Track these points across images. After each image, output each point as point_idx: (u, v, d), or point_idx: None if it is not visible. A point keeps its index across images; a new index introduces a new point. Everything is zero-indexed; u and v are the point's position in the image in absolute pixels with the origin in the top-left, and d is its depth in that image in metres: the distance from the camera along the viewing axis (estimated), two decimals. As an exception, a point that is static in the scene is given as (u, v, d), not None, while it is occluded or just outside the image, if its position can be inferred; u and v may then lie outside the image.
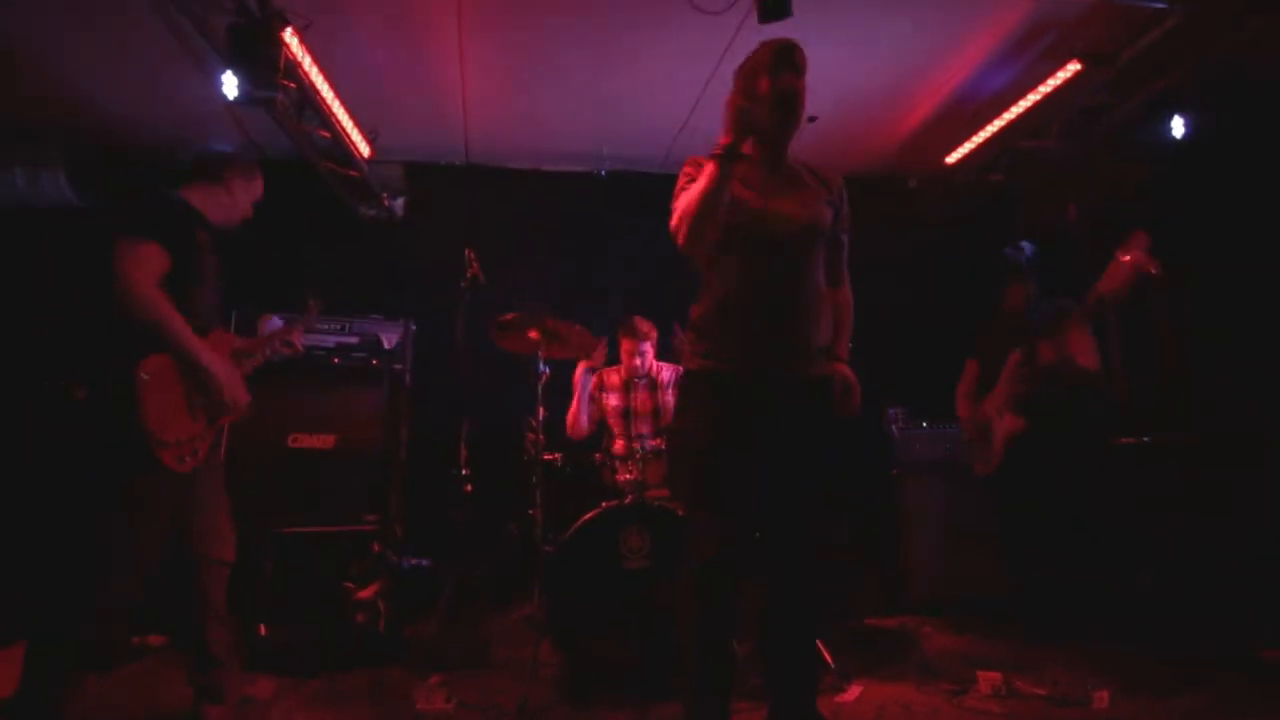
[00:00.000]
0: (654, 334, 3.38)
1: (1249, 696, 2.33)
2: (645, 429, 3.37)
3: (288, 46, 3.06)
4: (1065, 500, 2.67)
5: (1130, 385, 4.26)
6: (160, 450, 1.89)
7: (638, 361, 3.37)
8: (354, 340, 3.60)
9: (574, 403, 3.46)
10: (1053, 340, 2.63)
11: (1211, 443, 3.18)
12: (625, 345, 3.40)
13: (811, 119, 4.29)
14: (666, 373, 3.47)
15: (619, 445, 3.12)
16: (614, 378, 3.49)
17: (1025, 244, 2.95)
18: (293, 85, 3.24)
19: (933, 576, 3.57)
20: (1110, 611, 2.57)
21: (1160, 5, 2.96)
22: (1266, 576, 3.02)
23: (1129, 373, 4.31)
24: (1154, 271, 2.35)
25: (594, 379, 3.51)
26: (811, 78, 1.98)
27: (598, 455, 3.00)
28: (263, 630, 2.70)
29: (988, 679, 2.36)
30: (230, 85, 2.99)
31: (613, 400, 3.43)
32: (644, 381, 3.45)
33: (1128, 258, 2.39)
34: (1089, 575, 2.63)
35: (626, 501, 2.64)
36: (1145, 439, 3.24)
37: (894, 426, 3.76)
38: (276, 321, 3.36)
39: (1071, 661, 2.67)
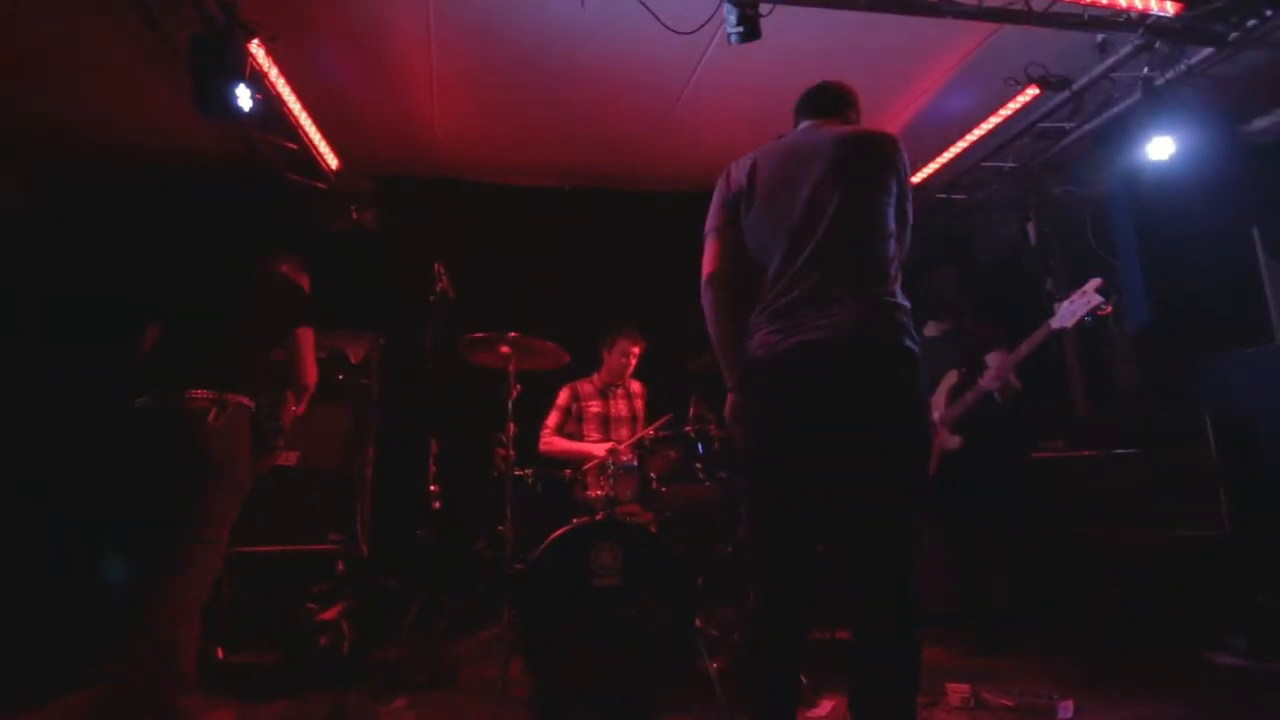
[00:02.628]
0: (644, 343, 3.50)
1: (1206, 699, 2.39)
2: (624, 433, 3.40)
3: (253, 57, 3.02)
4: (993, 511, 2.81)
5: (1089, 401, 4.39)
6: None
7: (631, 362, 3.47)
8: (320, 354, 3.52)
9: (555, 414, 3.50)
10: (983, 364, 2.84)
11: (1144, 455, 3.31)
12: (620, 345, 3.46)
13: (779, 137, 4.39)
14: (636, 385, 3.59)
15: (591, 462, 3.11)
16: (588, 387, 3.53)
17: (949, 270, 3.23)
18: (258, 96, 3.19)
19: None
20: (1063, 621, 2.66)
21: (1100, 36, 3.10)
22: (1209, 583, 3.13)
23: (1086, 388, 4.45)
24: (1108, 311, 2.63)
25: (566, 391, 3.51)
26: (779, 99, 2.02)
27: (568, 471, 2.98)
28: (220, 654, 2.61)
29: (956, 690, 2.38)
30: (244, 98, 2.91)
31: (594, 406, 3.47)
32: (620, 389, 3.51)
33: (1083, 299, 2.62)
34: (1030, 585, 2.73)
35: (598, 518, 2.62)
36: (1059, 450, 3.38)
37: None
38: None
39: (1035, 671, 2.72)
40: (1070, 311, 2.64)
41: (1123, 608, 3.28)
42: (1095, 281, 2.63)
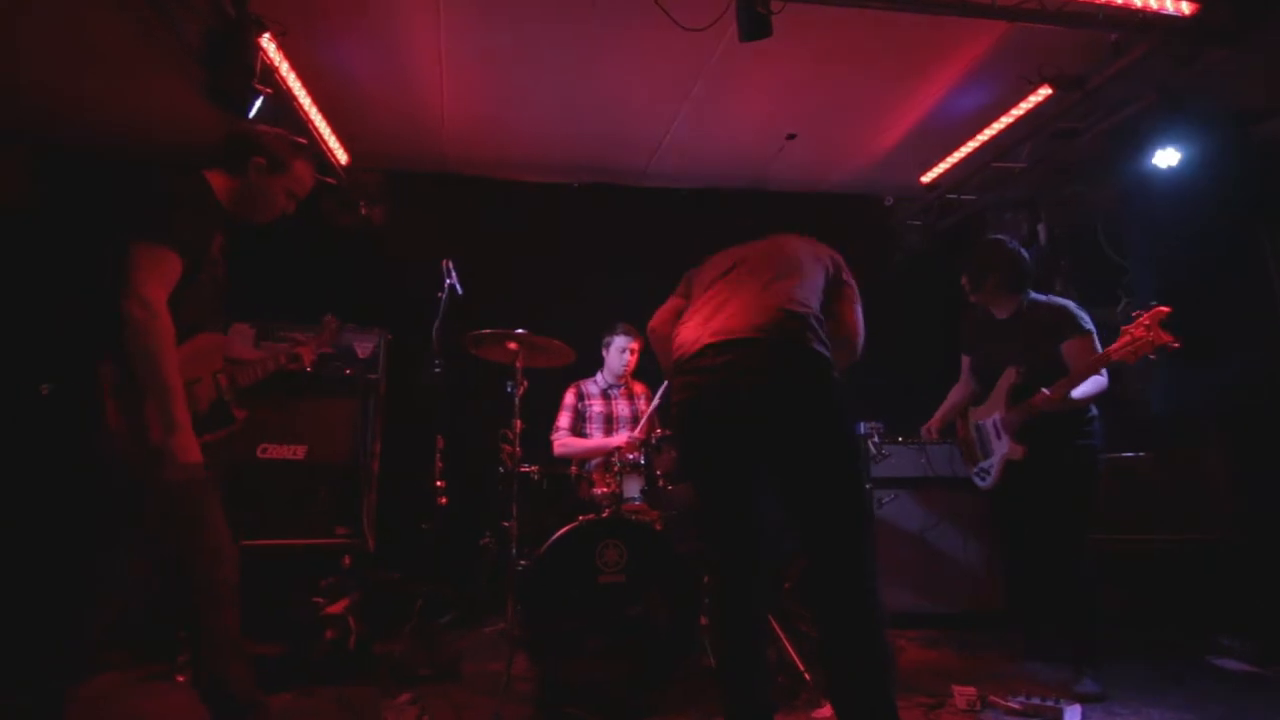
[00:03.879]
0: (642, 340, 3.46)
1: (1210, 704, 2.37)
2: (626, 432, 3.43)
3: (264, 51, 3.02)
4: (1058, 520, 2.58)
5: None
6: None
7: (630, 359, 3.46)
8: (327, 349, 3.53)
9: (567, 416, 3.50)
10: (1051, 358, 2.49)
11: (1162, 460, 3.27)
12: (617, 343, 3.48)
13: (791, 136, 4.38)
14: (639, 386, 3.60)
15: (597, 459, 3.12)
16: (591, 387, 3.53)
17: (991, 240, 2.78)
18: (269, 91, 3.20)
19: (907, 591, 3.59)
20: (1084, 625, 2.59)
21: (1112, 36, 3.07)
22: (1216, 588, 3.11)
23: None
24: (1175, 346, 2.24)
25: (571, 391, 3.52)
26: (790, 95, 2.02)
27: (574, 469, 2.98)
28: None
29: (963, 693, 2.37)
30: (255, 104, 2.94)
31: (597, 406, 3.48)
32: (622, 389, 3.51)
33: (1143, 331, 2.27)
34: (1080, 592, 2.59)
35: (603, 515, 2.62)
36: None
37: (870, 442, 3.79)
38: (246, 330, 3.30)
39: (1044, 676, 2.70)
40: (1133, 347, 2.28)
41: (1129, 612, 3.27)
42: (1158, 311, 2.23)
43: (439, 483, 3.11)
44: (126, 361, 1.64)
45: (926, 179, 4.50)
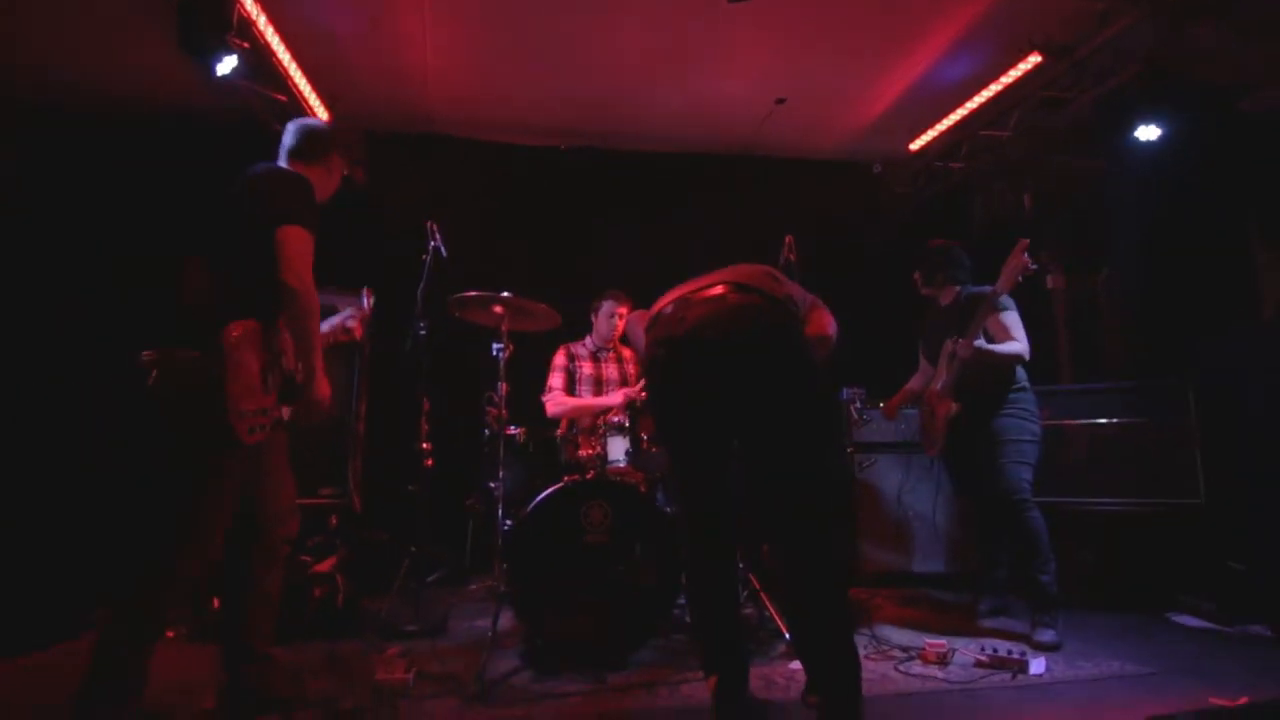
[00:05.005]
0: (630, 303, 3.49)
1: (1171, 658, 2.48)
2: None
3: (240, 4, 2.94)
4: (996, 477, 2.80)
5: (1075, 371, 4.44)
6: (236, 420, 1.83)
7: (619, 323, 3.46)
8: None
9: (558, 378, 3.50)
10: (971, 331, 2.79)
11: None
12: (606, 307, 3.47)
13: (780, 100, 4.35)
14: (627, 350, 3.60)
15: (585, 421, 3.14)
16: (581, 349, 3.54)
17: (940, 242, 3.13)
18: (246, 45, 3.12)
19: (885, 550, 3.69)
20: (1035, 578, 2.72)
21: (1099, 5, 3.10)
22: (1183, 550, 3.23)
23: (1074, 359, 4.50)
24: (1033, 271, 2.72)
25: (561, 353, 3.52)
26: (779, 60, 2.01)
27: (560, 431, 3.01)
28: (216, 603, 2.65)
29: (934, 647, 2.46)
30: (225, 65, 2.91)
31: (587, 369, 3.49)
32: (611, 352, 3.52)
33: (1015, 261, 2.71)
34: (1026, 547, 2.76)
35: (588, 476, 2.65)
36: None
37: (851, 407, 3.85)
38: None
39: (1012, 630, 2.81)
40: (1007, 276, 2.71)
41: (1097, 573, 3.38)
42: (1023, 242, 2.71)
43: (425, 445, 3.13)
44: (263, 326, 1.92)
45: (915, 146, 4.50)
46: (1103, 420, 3.46)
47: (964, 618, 3.03)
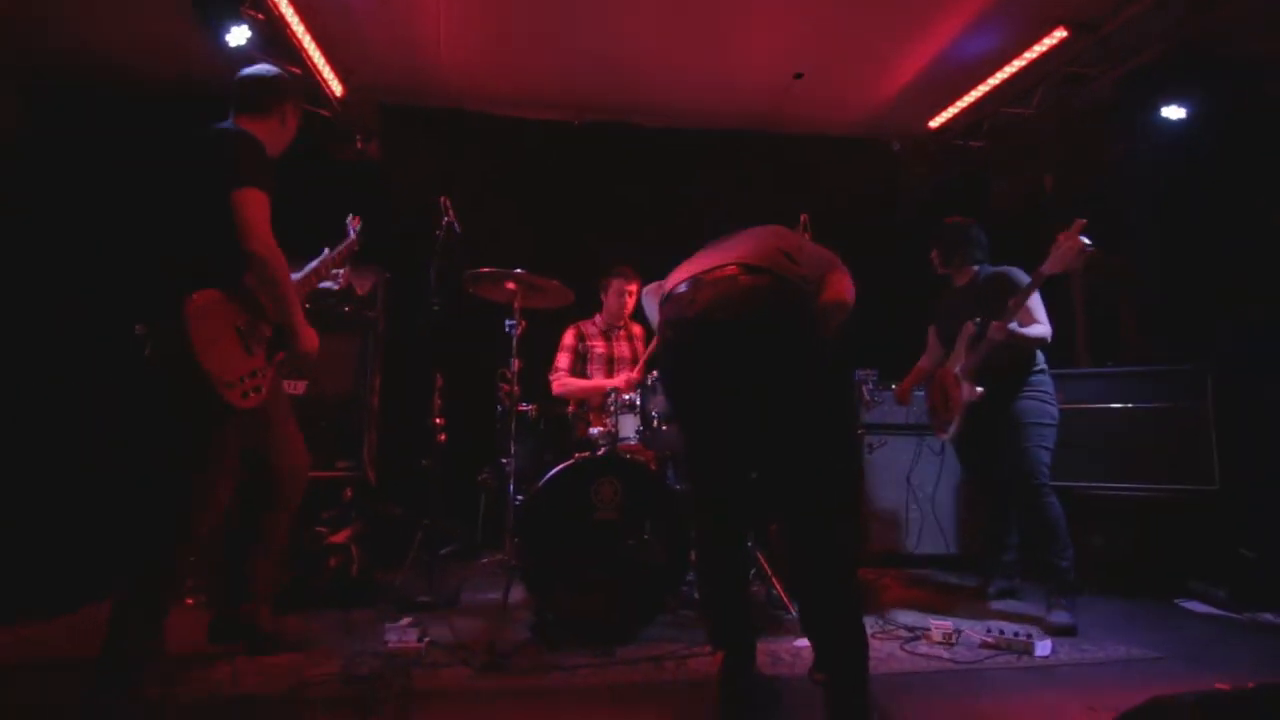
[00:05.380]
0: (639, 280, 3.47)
1: (1180, 643, 2.49)
2: (626, 373, 3.42)
3: (255, -27, 2.92)
4: (1016, 459, 2.76)
5: (1092, 356, 4.39)
6: (225, 390, 1.90)
7: (629, 300, 3.47)
8: (325, 285, 3.53)
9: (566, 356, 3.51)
10: (1008, 313, 2.70)
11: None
12: (615, 285, 3.48)
13: (798, 75, 4.27)
14: (637, 328, 3.61)
15: (595, 399, 3.16)
16: (592, 328, 3.54)
17: (958, 220, 3.06)
18: (260, 16, 3.11)
19: (892, 531, 3.71)
20: (1051, 560, 2.71)
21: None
22: (1196, 536, 3.21)
23: (1091, 344, 4.44)
24: (1092, 252, 2.53)
25: (571, 332, 3.53)
26: (799, 33, 1.97)
27: (571, 408, 3.02)
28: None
29: (939, 627, 2.47)
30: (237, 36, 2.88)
31: (599, 347, 3.50)
32: (622, 330, 3.52)
33: (1070, 242, 2.55)
34: (1043, 529, 2.73)
35: (599, 453, 2.67)
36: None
37: (863, 388, 3.84)
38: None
39: (1019, 613, 2.82)
40: (1058, 257, 2.57)
41: (1108, 558, 3.38)
42: (1079, 222, 2.55)
43: (438, 420, 3.16)
44: (228, 292, 1.96)
45: (935, 124, 4.42)
46: (1118, 405, 3.42)
47: (970, 599, 3.05)
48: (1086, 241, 2.53)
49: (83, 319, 3.56)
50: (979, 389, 2.80)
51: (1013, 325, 2.71)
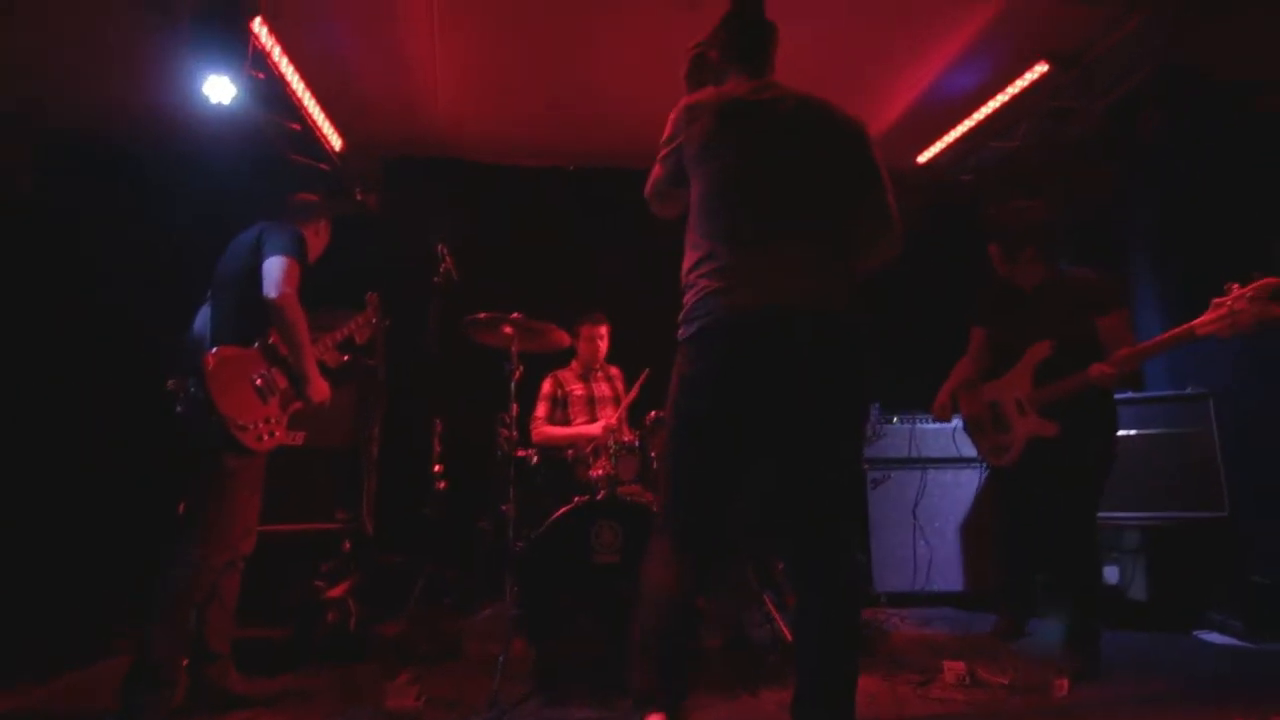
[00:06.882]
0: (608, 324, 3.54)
1: (1200, 678, 2.41)
2: (610, 413, 3.42)
3: (256, 36, 3.01)
4: (1076, 498, 2.53)
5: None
6: (238, 432, 2.13)
7: (601, 345, 3.51)
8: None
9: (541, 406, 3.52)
10: (1080, 333, 2.39)
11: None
12: (585, 332, 3.52)
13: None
14: (614, 369, 3.66)
15: (589, 445, 3.14)
16: (568, 374, 3.57)
17: (1025, 204, 2.65)
18: (261, 75, 3.19)
19: (899, 568, 3.64)
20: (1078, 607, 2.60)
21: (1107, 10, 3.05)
22: (1207, 565, 3.13)
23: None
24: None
25: (549, 381, 3.54)
26: (785, 73, 2.01)
27: (570, 451, 3.01)
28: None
29: (952, 669, 2.41)
30: (215, 88, 2.93)
31: (578, 390, 3.50)
32: (599, 372, 3.54)
33: (1256, 308, 2.08)
34: (1075, 571, 2.57)
35: (598, 496, 2.65)
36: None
37: (865, 421, 3.81)
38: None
39: (1034, 651, 2.74)
40: (1228, 320, 2.10)
41: (1123, 590, 3.30)
42: (1267, 282, 2.05)
43: (437, 466, 3.14)
44: (247, 348, 2.25)
45: (923, 159, 4.48)
46: (1122, 432, 3.38)
47: (984, 638, 2.97)
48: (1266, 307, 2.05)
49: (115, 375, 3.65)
50: (1053, 425, 2.50)
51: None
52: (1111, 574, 2.46)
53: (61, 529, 3.37)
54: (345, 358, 2.70)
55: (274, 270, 2.23)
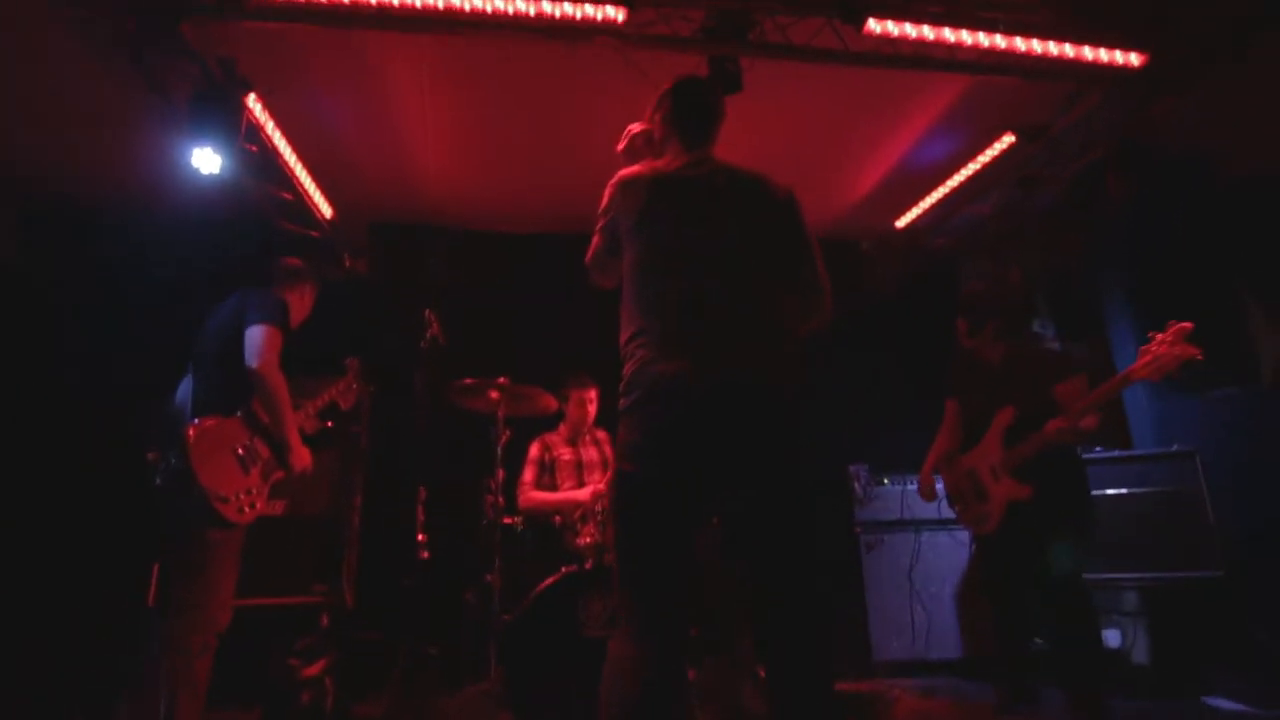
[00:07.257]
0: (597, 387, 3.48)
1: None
2: (598, 478, 3.36)
3: (250, 111, 3.09)
4: (1061, 558, 2.53)
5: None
6: (220, 505, 2.13)
7: (590, 409, 3.46)
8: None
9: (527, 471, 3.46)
10: (1040, 400, 2.51)
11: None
12: (575, 396, 3.47)
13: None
14: (602, 433, 3.59)
15: (578, 511, 3.09)
16: (556, 438, 3.52)
17: (986, 286, 2.85)
18: (254, 149, 3.26)
19: (898, 634, 3.54)
20: (1081, 670, 2.53)
21: (1069, 86, 3.22)
22: (1206, 625, 3.08)
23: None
24: (1199, 357, 2.30)
25: (536, 445, 3.49)
26: (766, 144, 2.08)
27: (557, 518, 2.95)
28: (197, 713, 2.53)
29: (956, 743, 2.32)
30: (202, 159, 2.98)
31: (566, 455, 3.44)
32: (588, 436, 3.51)
33: (1176, 350, 2.31)
34: (1071, 634, 2.54)
35: (586, 566, 2.58)
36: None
37: (856, 484, 3.78)
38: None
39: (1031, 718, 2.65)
40: (1154, 365, 2.31)
41: (1124, 653, 3.23)
42: (1181, 327, 2.28)
43: (420, 535, 3.06)
44: (228, 419, 2.27)
45: (900, 224, 4.62)
46: (1112, 491, 3.38)
47: (987, 708, 2.87)
48: (1195, 351, 2.29)
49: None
50: (1026, 487, 2.57)
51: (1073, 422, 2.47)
52: (1113, 638, 2.42)
53: (20, 601, 3.21)
54: (327, 424, 2.66)
55: (255, 339, 2.27)
